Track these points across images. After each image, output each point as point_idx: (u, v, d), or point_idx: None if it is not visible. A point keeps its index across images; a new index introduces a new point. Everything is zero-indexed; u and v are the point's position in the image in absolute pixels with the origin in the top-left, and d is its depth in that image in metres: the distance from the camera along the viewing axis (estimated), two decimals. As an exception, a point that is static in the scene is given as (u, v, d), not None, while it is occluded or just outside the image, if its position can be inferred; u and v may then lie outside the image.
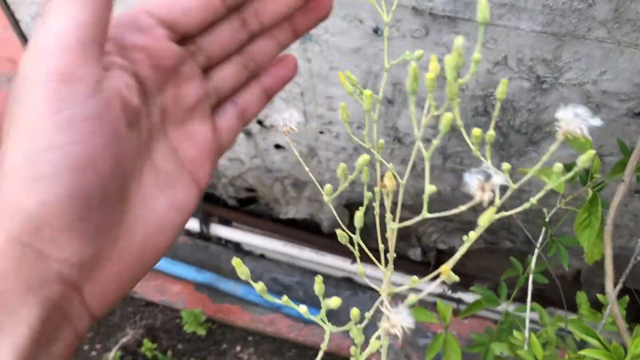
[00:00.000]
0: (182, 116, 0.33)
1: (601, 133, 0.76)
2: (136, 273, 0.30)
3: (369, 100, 0.31)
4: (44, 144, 0.25)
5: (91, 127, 0.26)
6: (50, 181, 0.25)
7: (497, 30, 0.68)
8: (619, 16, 0.63)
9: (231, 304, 1.11)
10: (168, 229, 0.31)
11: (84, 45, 0.26)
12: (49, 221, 0.26)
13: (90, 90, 0.26)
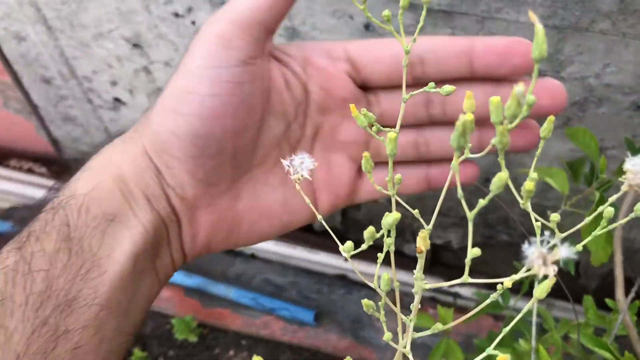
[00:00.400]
0: (332, 145, 0.36)
1: (603, 126, 0.73)
2: (225, 238, 0.34)
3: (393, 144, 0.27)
4: (189, 88, 0.30)
5: (231, 90, 0.30)
6: (182, 118, 0.30)
7: (496, 23, 0.64)
8: (625, 7, 0.59)
9: (223, 308, 1.08)
10: (272, 220, 0.35)
11: (251, 24, 0.30)
12: (170, 149, 0.31)
13: (242, 61, 0.30)
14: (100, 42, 0.82)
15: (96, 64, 0.87)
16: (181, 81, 0.31)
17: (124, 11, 0.76)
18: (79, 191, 0.30)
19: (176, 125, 0.30)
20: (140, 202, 0.31)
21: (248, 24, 0.31)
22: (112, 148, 0.33)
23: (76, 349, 0.27)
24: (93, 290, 0.28)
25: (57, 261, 0.28)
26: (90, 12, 0.77)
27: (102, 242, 0.29)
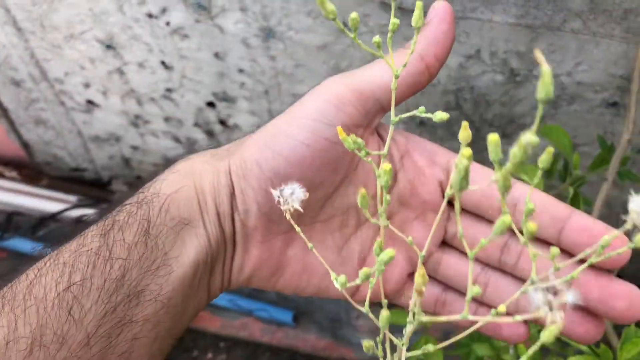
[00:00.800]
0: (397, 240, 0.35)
1: (575, 123, 0.74)
2: (265, 278, 0.35)
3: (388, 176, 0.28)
4: (287, 131, 0.32)
5: (325, 147, 0.32)
6: (270, 153, 0.32)
7: (469, 23, 0.65)
8: (595, 7, 0.61)
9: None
10: (314, 280, 0.36)
11: (368, 97, 0.32)
12: (249, 176, 0.32)
13: (346, 126, 0.32)
14: (72, 43, 0.81)
15: (68, 66, 0.85)
16: (283, 123, 0.33)
17: (97, 12, 0.75)
18: (162, 191, 0.32)
19: (263, 157, 0.32)
20: (211, 215, 0.33)
21: (365, 96, 0.32)
22: (201, 157, 0.35)
23: (135, 340, 0.29)
24: (159, 287, 0.30)
25: (134, 252, 0.30)
26: (62, 13, 0.76)
27: (175, 244, 0.31)
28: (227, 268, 0.35)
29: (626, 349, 0.49)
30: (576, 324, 0.32)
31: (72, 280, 0.28)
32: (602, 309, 0.31)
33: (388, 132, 0.33)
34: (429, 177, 0.35)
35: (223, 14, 0.71)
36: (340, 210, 0.36)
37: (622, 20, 0.61)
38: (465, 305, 0.26)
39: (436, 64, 0.32)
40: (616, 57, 0.65)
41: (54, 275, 0.28)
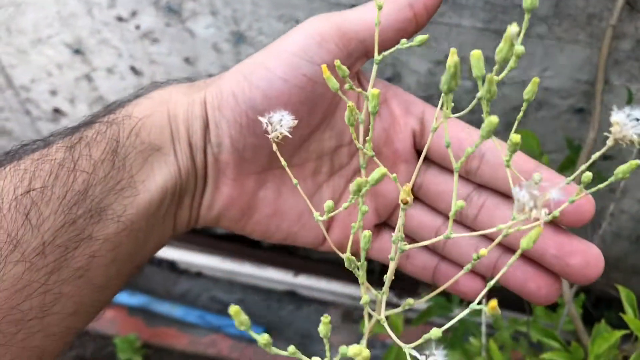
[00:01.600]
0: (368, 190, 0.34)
1: (544, 130, 0.75)
2: (236, 218, 0.35)
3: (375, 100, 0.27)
4: (267, 64, 0.31)
5: (303, 84, 0.31)
6: (247, 85, 0.31)
7: (438, 28, 0.66)
8: (559, 12, 0.62)
9: (168, 327, 1.05)
10: (281, 223, 0.35)
11: (352, 37, 0.31)
12: (224, 108, 0.32)
13: (327, 63, 0.30)
14: (39, 48, 0.79)
15: (35, 72, 0.84)
16: (264, 56, 0.32)
17: (65, 15, 0.74)
18: (135, 114, 0.31)
19: (240, 89, 0.31)
20: (183, 145, 0.32)
21: (349, 36, 0.31)
22: (177, 87, 0.34)
23: (92, 257, 0.29)
24: (123, 207, 0.29)
25: (100, 169, 0.29)
26: (29, 16, 0.75)
27: (142, 167, 0.31)
28: (197, 203, 0.34)
29: (597, 343, 0.49)
30: (530, 280, 0.32)
31: (32, 187, 0.28)
32: (557, 266, 0.30)
33: (369, 80, 0.33)
34: (404, 126, 0.35)
35: (194, 17, 0.70)
36: (315, 155, 0.35)
37: (586, 25, 0.63)
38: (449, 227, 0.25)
39: (424, 13, 0.32)
40: (581, 63, 0.66)
41: (14, 180, 0.28)
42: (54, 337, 0.28)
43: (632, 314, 0.49)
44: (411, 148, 0.35)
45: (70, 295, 0.28)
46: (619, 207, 0.85)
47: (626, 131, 0.23)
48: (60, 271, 0.28)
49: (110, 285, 0.30)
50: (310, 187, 0.36)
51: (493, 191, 0.33)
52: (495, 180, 0.32)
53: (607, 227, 0.89)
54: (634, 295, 0.50)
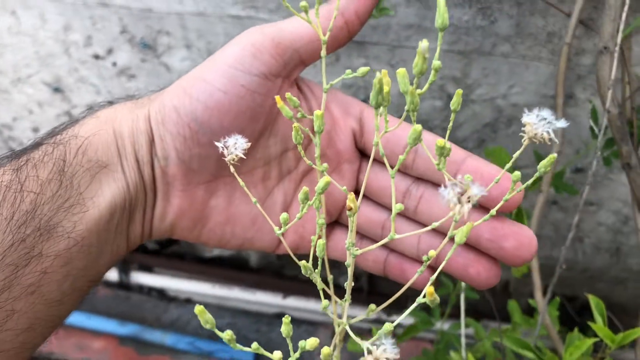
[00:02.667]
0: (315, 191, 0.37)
1: (515, 146, 0.77)
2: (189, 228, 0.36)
3: (320, 120, 0.29)
4: (205, 77, 0.33)
5: (242, 94, 0.32)
6: (188, 99, 0.33)
7: (406, 51, 0.68)
8: (521, 31, 0.64)
9: (160, 355, 1.05)
10: (235, 230, 0.37)
11: (286, 47, 0.33)
12: (168, 122, 0.33)
13: (263, 74, 0.32)
14: (19, 87, 0.81)
15: (16, 111, 0.85)
16: (203, 69, 0.33)
17: (43, 55, 0.76)
18: (80, 134, 0.32)
19: (181, 103, 0.33)
20: (130, 160, 0.33)
21: (284, 45, 0.33)
22: (122, 105, 0.35)
23: (44, 274, 0.29)
24: (72, 224, 0.30)
25: (47, 189, 0.30)
26: (7, 57, 0.77)
27: (90, 184, 0.32)
28: (148, 216, 0.35)
29: (569, 351, 0.51)
30: (469, 266, 0.33)
31: None
32: (493, 249, 0.32)
33: (307, 86, 0.35)
34: (344, 127, 0.36)
35: (169, 52, 0.72)
36: (262, 161, 0.36)
37: (547, 42, 0.65)
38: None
39: (356, 20, 0.33)
40: (545, 79, 0.69)
41: None
42: (9, 352, 0.29)
43: (602, 323, 0.50)
44: (352, 147, 0.37)
45: (23, 311, 0.29)
46: (596, 220, 0.87)
47: (537, 130, 0.26)
48: (11, 289, 0.28)
49: (66, 301, 0.31)
50: (261, 193, 0.37)
51: (430, 182, 0.35)
52: (431, 172, 0.34)
53: (587, 240, 0.91)
54: (603, 303, 0.51)
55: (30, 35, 0.74)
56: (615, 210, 0.85)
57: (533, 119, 0.26)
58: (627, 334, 0.49)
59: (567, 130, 0.74)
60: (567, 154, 0.76)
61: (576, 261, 0.94)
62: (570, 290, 0.99)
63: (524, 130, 0.26)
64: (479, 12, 0.63)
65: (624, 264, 0.92)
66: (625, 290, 0.97)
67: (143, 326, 1.06)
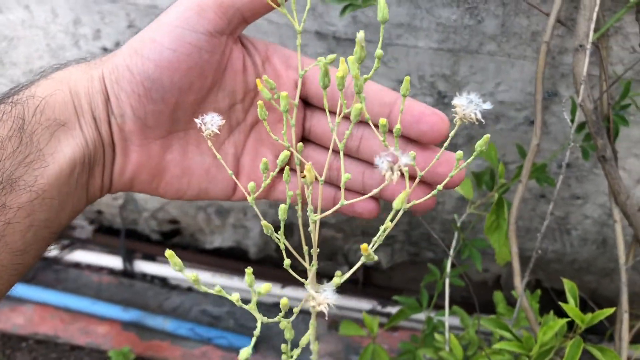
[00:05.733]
0: (265, 140, 0.40)
1: (503, 141, 0.80)
2: (147, 182, 0.39)
3: (285, 101, 0.33)
4: (154, 37, 0.34)
5: (190, 51, 0.35)
6: (140, 58, 0.34)
7: (397, 49, 0.72)
8: (506, 30, 0.68)
9: (161, 340, 1.09)
10: (191, 181, 0.39)
11: (229, 5, 0.34)
12: (122, 81, 0.35)
13: (209, 31, 0.35)
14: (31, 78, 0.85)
15: (27, 102, 0.89)
16: (151, 30, 0.35)
17: (54, 48, 0.79)
18: (38, 94, 0.34)
19: (133, 63, 0.34)
20: (87, 118, 0.35)
21: (226, 4, 0.34)
22: (75, 66, 0.37)
23: (8, 224, 0.32)
24: (33, 178, 0.32)
25: (7, 146, 0.32)
26: (21, 49, 0.81)
27: (49, 141, 0.33)
28: (108, 171, 0.37)
29: (542, 331, 0.54)
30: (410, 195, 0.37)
31: None
32: (429, 177, 0.35)
33: (250, 42, 0.38)
34: (286, 79, 0.39)
35: (173, 46, 0.76)
36: (200, 132, 0.38)
37: (531, 41, 0.68)
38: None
39: None
40: (530, 77, 0.72)
41: None
42: None
43: (574, 304, 0.53)
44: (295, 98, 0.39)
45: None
46: (582, 212, 0.90)
47: (465, 111, 0.29)
48: None
49: (29, 250, 0.33)
50: (214, 145, 0.39)
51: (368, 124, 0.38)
52: (370, 115, 0.37)
53: (574, 232, 0.94)
54: (576, 287, 0.54)
55: (42, 28, 0.78)
56: (601, 203, 0.88)
57: (463, 101, 0.30)
58: (596, 315, 0.52)
59: (551, 127, 0.77)
60: (553, 150, 0.79)
61: (564, 252, 0.97)
62: (559, 283, 1.02)
63: (455, 111, 0.30)
64: (467, 11, 0.66)
65: (610, 254, 0.95)
66: (612, 282, 1.00)
67: (145, 312, 1.09)
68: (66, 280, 1.17)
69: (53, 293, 1.12)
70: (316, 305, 0.29)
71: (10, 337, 1.10)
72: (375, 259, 0.30)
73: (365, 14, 0.69)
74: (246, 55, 0.38)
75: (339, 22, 0.70)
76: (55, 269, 1.18)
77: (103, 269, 1.18)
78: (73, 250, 1.20)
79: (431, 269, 0.74)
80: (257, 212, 0.34)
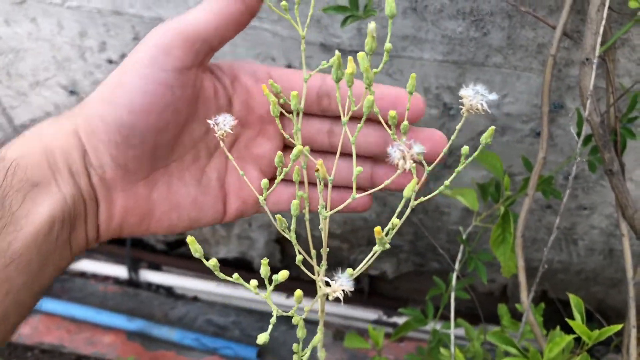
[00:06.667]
0: (246, 156, 0.40)
1: (509, 153, 0.80)
2: (137, 223, 0.38)
3: (295, 100, 0.34)
4: (123, 81, 0.33)
5: (161, 91, 0.34)
6: (112, 107, 0.34)
7: (402, 61, 0.71)
8: (512, 43, 0.67)
9: (166, 350, 1.08)
10: (181, 213, 0.39)
11: (194, 38, 0.34)
12: (97, 132, 0.34)
13: (178, 68, 0.34)
14: (37, 90, 0.85)
15: (34, 112, 0.90)
16: (118, 75, 0.34)
17: (60, 60, 0.80)
18: (8, 155, 0.33)
19: (106, 112, 0.34)
20: (64, 174, 0.34)
21: (192, 38, 0.33)
22: (47, 123, 0.36)
23: None
24: (7, 244, 0.31)
25: None
26: (28, 61, 0.81)
27: (22, 203, 0.32)
28: (92, 223, 0.36)
29: (549, 347, 0.53)
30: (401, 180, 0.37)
31: None
32: None
33: (217, 67, 0.37)
34: (257, 93, 0.38)
35: (178, 58, 0.76)
36: (190, 146, 0.38)
37: (537, 54, 0.68)
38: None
39: (254, 2, 0.35)
40: (537, 89, 0.71)
41: None
42: None
43: (580, 320, 0.53)
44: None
45: None
46: (589, 223, 0.89)
47: (472, 102, 0.29)
48: None
49: (10, 315, 0.32)
50: (196, 173, 0.39)
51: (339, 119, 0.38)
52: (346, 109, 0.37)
53: (580, 242, 0.93)
54: (582, 302, 0.54)
55: (48, 41, 0.78)
56: (608, 214, 0.87)
57: (469, 92, 0.30)
58: (603, 331, 0.51)
59: (557, 139, 0.77)
60: (559, 162, 0.79)
61: (570, 263, 0.96)
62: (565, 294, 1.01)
63: (462, 102, 0.30)
64: (472, 24, 0.66)
65: (618, 264, 0.94)
66: (619, 293, 0.99)
67: (151, 322, 1.09)
68: (72, 290, 1.17)
69: (58, 303, 1.12)
70: (331, 292, 0.29)
71: (16, 347, 1.10)
72: (388, 247, 0.30)
73: (371, 26, 0.69)
74: (215, 80, 0.38)
75: (343, 34, 0.70)
76: (60, 278, 1.18)
77: (108, 278, 1.18)
78: (79, 260, 1.20)
79: (436, 282, 0.73)
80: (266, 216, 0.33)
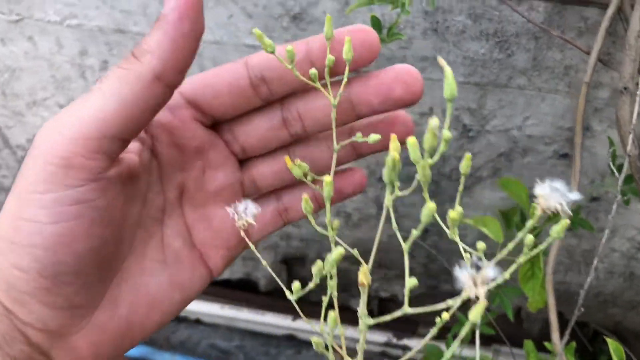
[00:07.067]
0: (203, 199, 0.33)
1: (531, 175, 0.77)
2: (117, 346, 0.30)
3: (329, 187, 0.29)
4: (26, 216, 0.26)
5: (77, 212, 0.26)
6: (22, 250, 0.26)
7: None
8: (538, 64, 0.64)
9: (168, 377, 1.05)
10: (163, 306, 0.31)
11: (98, 138, 0.26)
12: (18, 285, 0.26)
13: (88, 179, 0.26)
14: (34, 110, 0.81)
15: (30, 133, 0.86)
16: (17, 209, 0.26)
17: (59, 79, 0.76)
18: None
19: (18, 258, 0.26)
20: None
21: (95, 138, 0.26)
22: None
23: None
24: None
25: None
26: (24, 80, 0.77)
27: None
28: None
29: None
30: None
31: None
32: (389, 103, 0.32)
33: None
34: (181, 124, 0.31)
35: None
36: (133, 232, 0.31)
37: (564, 75, 0.64)
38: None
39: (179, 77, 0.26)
40: (562, 111, 0.68)
41: None
42: None
43: (620, 366, 0.49)
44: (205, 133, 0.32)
45: None
46: (610, 246, 0.86)
47: (549, 202, 0.25)
48: None
49: None
50: (156, 255, 0.32)
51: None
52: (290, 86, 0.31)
53: (600, 265, 0.90)
54: (621, 348, 0.50)
55: (46, 60, 0.75)
56: (630, 237, 0.84)
57: (546, 190, 0.26)
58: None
59: (583, 161, 0.74)
60: (583, 184, 0.75)
61: (589, 285, 0.93)
62: (582, 315, 0.98)
63: (537, 202, 0.26)
64: (496, 45, 0.63)
65: (638, 287, 0.91)
66: (638, 315, 0.96)
67: (153, 348, 1.05)
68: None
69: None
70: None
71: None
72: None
73: (388, 47, 0.65)
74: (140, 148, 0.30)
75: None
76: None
77: (108, 300, 1.15)
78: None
79: (459, 318, 0.70)
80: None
